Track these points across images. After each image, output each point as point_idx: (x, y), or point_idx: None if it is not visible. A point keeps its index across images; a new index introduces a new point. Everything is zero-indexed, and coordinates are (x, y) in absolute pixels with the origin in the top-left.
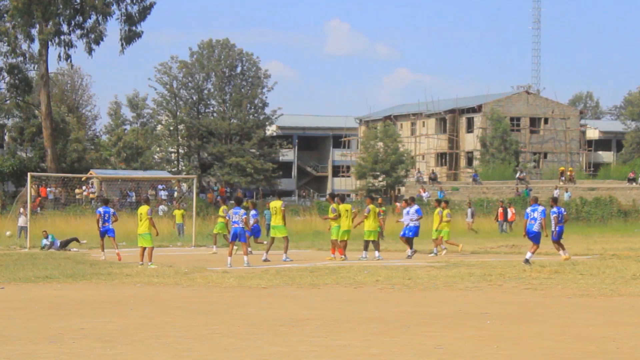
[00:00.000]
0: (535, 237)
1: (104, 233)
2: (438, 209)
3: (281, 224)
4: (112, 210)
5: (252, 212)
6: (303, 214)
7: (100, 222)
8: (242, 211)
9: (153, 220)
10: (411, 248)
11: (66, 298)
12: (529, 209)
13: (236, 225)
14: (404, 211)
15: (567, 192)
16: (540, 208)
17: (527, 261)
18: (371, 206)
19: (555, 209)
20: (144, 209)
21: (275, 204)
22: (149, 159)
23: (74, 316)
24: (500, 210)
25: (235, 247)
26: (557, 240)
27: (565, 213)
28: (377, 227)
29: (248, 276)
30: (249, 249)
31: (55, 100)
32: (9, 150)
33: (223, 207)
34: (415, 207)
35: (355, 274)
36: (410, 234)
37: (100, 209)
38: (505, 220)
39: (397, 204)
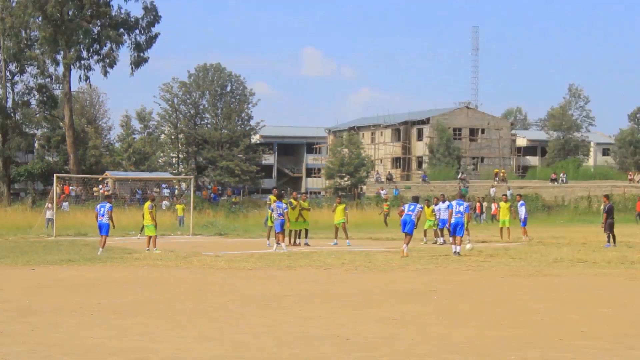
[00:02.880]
0: (460, 229)
1: (99, 228)
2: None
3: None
4: (108, 205)
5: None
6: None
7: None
8: (284, 205)
9: (153, 214)
10: (442, 236)
11: (85, 278)
12: (454, 203)
13: (282, 217)
14: (436, 208)
15: (509, 189)
16: (465, 204)
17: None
18: (336, 203)
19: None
20: (147, 205)
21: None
22: (154, 163)
23: (92, 293)
24: (477, 204)
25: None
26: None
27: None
28: (342, 219)
29: (236, 259)
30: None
31: (76, 114)
32: (39, 156)
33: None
34: (447, 203)
35: (325, 258)
36: (440, 225)
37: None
38: (482, 213)
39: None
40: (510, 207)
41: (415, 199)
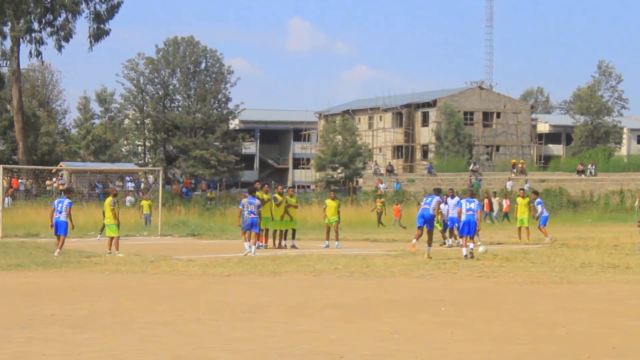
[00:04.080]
0: (473, 228)
1: (55, 227)
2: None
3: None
4: (67, 201)
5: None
6: None
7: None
8: (258, 202)
9: (115, 211)
10: (450, 237)
11: (37, 285)
12: (463, 200)
13: (253, 215)
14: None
15: (526, 183)
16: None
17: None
18: (327, 200)
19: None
20: (108, 201)
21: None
22: (116, 152)
23: (45, 303)
24: (486, 201)
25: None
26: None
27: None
28: (335, 217)
29: (212, 264)
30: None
31: (26, 95)
32: None
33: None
34: (457, 199)
35: (315, 263)
36: (449, 224)
37: (56, 200)
38: (492, 211)
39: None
40: (529, 203)
41: (437, 191)
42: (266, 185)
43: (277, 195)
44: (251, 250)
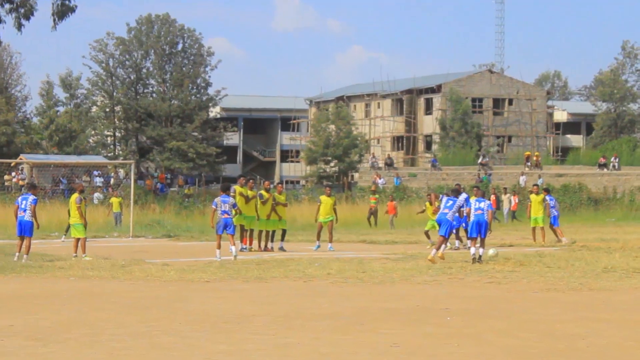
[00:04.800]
0: (484, 229)
1: (19, 227)
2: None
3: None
4: (31, 197)
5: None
6: None
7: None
8: (232, 200)
9: (81, 210)
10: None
11: None
12: (472, 200)
13: (227, 215)
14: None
15: (540, 178)
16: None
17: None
18: (322, 197)
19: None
20: (73, 198)
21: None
22: (83, 143)
23: (3, 312)
24: (493, 197)
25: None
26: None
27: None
28: (330, 216)
29: (190, 269)
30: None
31: None
32: None
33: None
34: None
35: (306, 267)
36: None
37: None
38: (498, 209)
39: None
40: (543, 201)
41: (456, 192)
42: (251, 181)
43: (263, 192)
44: (232, 252)
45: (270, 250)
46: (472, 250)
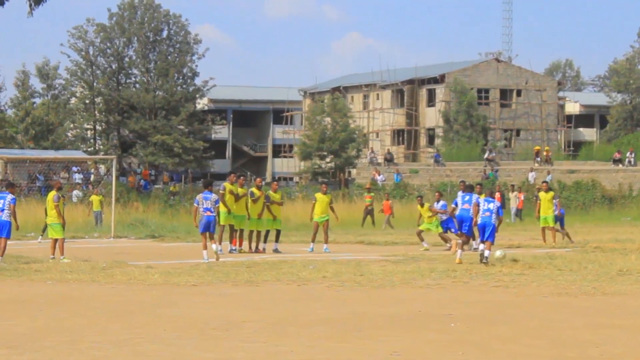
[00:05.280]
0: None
1: None
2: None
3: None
4: (10, 197)
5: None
6: None
7: None
8: (215, 197)
9: (59, 208)
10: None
11: None
12: (481, 198)
13: (209, 213)
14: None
15: (549, 174)
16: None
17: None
18: (317, 195)
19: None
20: (51, 196)
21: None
22: (61, 137)
23: None
24: (497, 195)
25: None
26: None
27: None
28: (325, 215)
29: (175, 272)
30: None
31: None
32: None
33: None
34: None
35: (300, 270)
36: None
37: None
38: (504, 208)
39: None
40: (553, 199)
41: (470, 188)
42: (242, 178)
43: (254, 190)
44: (213, 249)
45: (261, 252)
46: (482, 246)
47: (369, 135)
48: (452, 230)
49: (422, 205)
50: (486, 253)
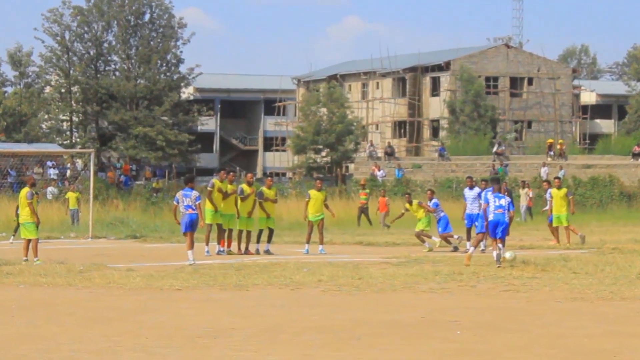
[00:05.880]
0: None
1: None
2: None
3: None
4: None
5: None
6: None
7: None
8: (196, 193)
9: (33, 206)
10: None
11: None
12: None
13: (191, 211)
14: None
15: (561, 170)
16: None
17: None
18: (311, 192)
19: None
20: (24, 192)
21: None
22: (35, 129)
23: None
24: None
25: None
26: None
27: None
28: (320, 213)
29: (159, 275)
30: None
31: None
32: None
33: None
34: (478, 190)
35: (293, 273)
36: (468, 223)
37: None
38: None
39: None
40: (567, 195)
41: (496, 181)
42: (232, 174)
43: (243, 186)
44: (189, 257)
45: (251, 254)
46: (494, 253)
47: (368, 127)
48: (440, 230)
49: (410, 202)
50: (507, 254)
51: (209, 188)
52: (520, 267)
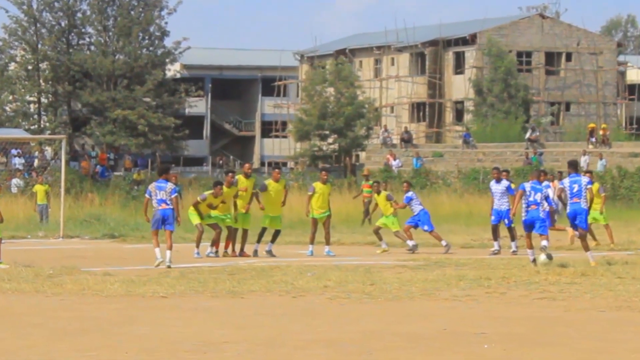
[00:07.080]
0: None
1: None
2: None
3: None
4: None
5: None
6: None
7: None
8: (171, 186)
9: None
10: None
11: None
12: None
13: (165, 206)
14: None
15: (601, 159)
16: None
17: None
18: (316, 184)
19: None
20: None
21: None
22: None
23: None
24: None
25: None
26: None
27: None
28: (326, 210)
29: (140, 280)
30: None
31: None
32: None
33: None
34: (506, 183)
35: (295, 278)
36: (495, 219)
37: None
38: None
39: None
40: (599, 192)
41: (574, 165)
42: (230, 174)
43: (240, 177)
44: (165, 258)
45: (247, 256)
46: (529, 252)
47: (381, 109)
48: (426, 228)
49: (378, 192)
50: (541, 256)
51: (198, 198)
52: (557, 272)
